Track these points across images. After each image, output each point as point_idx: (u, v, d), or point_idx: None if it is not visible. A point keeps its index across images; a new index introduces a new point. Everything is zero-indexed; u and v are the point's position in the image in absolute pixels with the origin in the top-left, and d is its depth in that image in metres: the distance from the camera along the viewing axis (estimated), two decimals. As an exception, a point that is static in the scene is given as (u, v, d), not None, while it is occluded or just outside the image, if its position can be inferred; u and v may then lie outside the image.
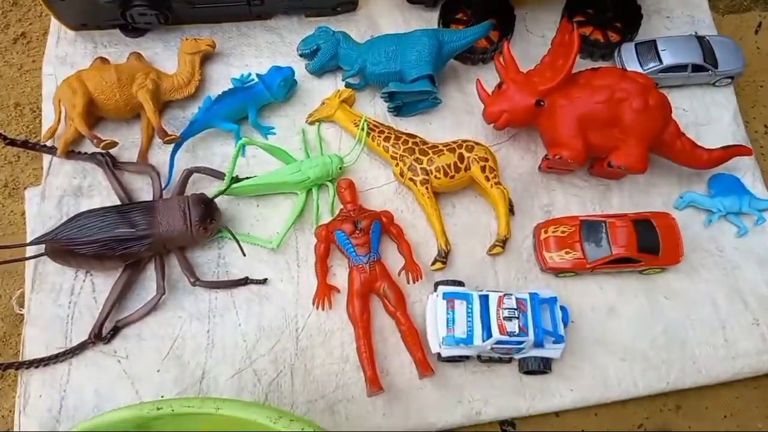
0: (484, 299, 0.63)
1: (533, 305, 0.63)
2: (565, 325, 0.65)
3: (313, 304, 0.65)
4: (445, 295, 0.63)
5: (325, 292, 0.65)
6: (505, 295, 0.63)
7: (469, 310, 0.63)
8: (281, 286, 0.67)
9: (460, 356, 0.63)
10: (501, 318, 0.61)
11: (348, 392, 0.63)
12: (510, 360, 0.65)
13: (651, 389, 0.65)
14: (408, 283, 0.66)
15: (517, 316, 0.61)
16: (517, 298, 0.63)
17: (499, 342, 0.61)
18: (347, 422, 0.62)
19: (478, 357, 0.65)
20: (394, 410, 0.63)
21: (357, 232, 0.65)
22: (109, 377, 0.62)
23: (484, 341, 0.61)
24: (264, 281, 0.66)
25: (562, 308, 0.65)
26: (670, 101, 0.69)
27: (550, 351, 0.63)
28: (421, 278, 0.66)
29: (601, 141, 0.68)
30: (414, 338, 0.63)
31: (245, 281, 0.66)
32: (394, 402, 0.63)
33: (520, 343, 0.61)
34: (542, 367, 0.64)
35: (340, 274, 0.68)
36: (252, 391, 0.62)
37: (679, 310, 0.68)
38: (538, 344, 0.62)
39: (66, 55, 0.76)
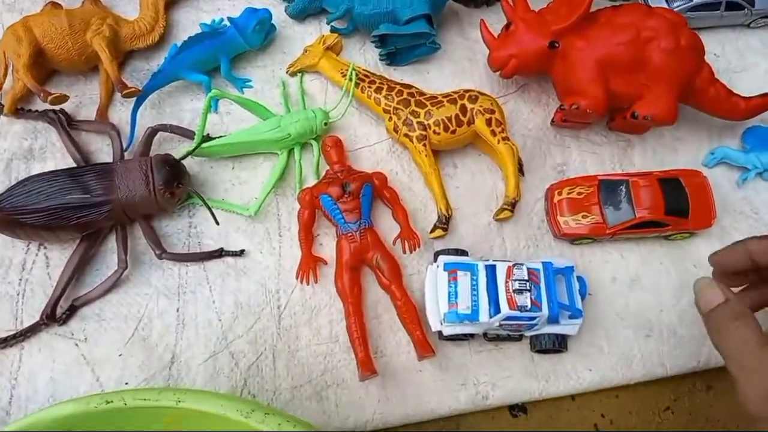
0: (491, 270, 0.54)
1: (547, 276, 0.54)
2: (583, 298, 0.56)
3: (297, 278, 0.57)
4: (447, 266, 0.55)
5: (310, 265, 0.57)
6: (515, 265, 0.54)
7: (474, 283, 0.54)
8: (261, 258, 0.59)
9: (464, 334, 0.54)
10: (510, 291, 0.52)
11: (338, 376, 0.56)
12: (520, 338, 0.57)
13: (680, 369, 0.58)
14: (404, 253, 0.58)
15: (528, 288, 0.52)
16: (528, 268, 0.54)
17: (508, 318, 0.52)
18: (337, 410, 0.55)
19: (484, 335, 0.56)
20: (390, 396, 0.56)
21: (345, 196, 0.57)
22: (65, 363, 0.54)
23: (491, 317, 0.52)
24: (241, 253, 0.59)
25: (580, 279, 0.57)
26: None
27: (566, 327, 0.55)
28: (419, 247, 0.58)
29: (624, 88, 0.59)
30: (411, 315, 0.56)
31: (220, 253, 0.58)
32: (390, 386, 0.56)
33: (533, 318, 0.53)
34: (557, 345, 0.56)
35: (327, 244, 0.60)
36: (229, 376, 0.55)
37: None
38: (552, 320, 0.54)
39: (14, 1, 0.68)
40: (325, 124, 0.61)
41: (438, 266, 0.56)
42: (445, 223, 0.60)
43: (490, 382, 0.57)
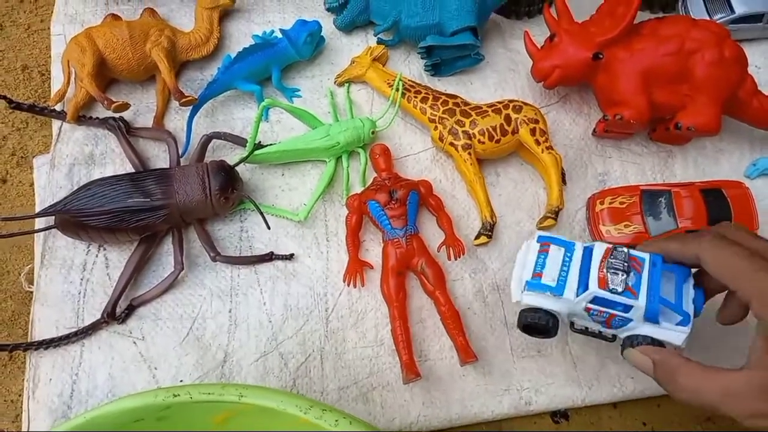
0: (588, 251, 0.48)
1: (652, 269, 0.46)
2: (697, 313, 0.46)
3: (344, 281, 0.59)
4: (540, 239, 0.49)
5: (357, 269, 0.59)
6: (615, 247, 0.47)
7: (567, 259, 0.48)
8: (309, 262, 0.61)
9: (544, 319, 0.48)
10: (604, 269, 0.45)
11: (383, 378, 0.57)
12: (613, 338, 0.50)
13: (723, 378, 0.58)
14: (449, 259, 0.60)
15: (626, 270, 0.45)
16: (630, 254, 0.46)
17: (597, 301, 0.46)
18: (383, 411, 0.56)
19: (572, 325, 0.50)
20: (434, 399, 0.57)
21: (392, 202, 0.59)
22: (124, 360, 0.57)
23: (577, 296, 0.46)
24: (290, 257, 0.61)
25: (697, 291, 0.47)
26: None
27: (669, 333, 0.46)
28: (463, 254, 0.60)
29: (667, 99, 0.60)
30: (455, 321, 0.57)
31: (270, 257, 0.60)
32: (434, 390, 0.57)
33: (626, 308, 0.45)
34: None
35: (373, 250, 0.61)
36: (278, 376, 0.57)
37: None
38: (650, 317, 0.45)
39: (76, 14, 0.71)
40: (372, 132, 0.63)
41: (533, 239, 0.51)
42: (489, 230, 0.61)
43: (533, 387, 0.58)
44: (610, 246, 0.47)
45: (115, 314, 0.57)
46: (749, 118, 0.64)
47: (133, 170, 0.62)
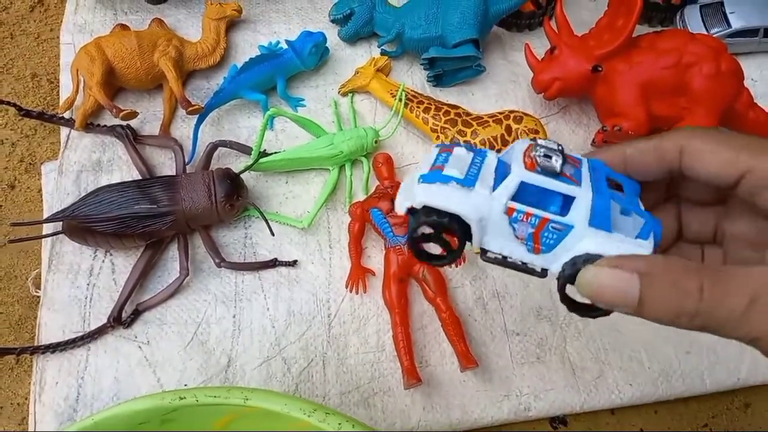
0: (503, 163, 0.33)
1: (594, 173, 0.32)
2: (656, 244, 0.31)
3: (347, 287, 0.60)
4: (440, 145, 0.35)
5: (359, 275, 0.60)
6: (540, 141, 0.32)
7: (477, 161, 0.33)
8: (312, 269, 0.62)
9: (447, 224, 0.31)
10: (530, 154, 0.31)
11: (384, 384, 0.58)
12: (543, 272, 0.32)
13: (719, 386, 0.59)
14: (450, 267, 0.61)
15: (560, 152, 0.31)
16: (565, 153, 0.32)
17: (523, 193, 0.30)
18: (384, 416, 0.57)
19: (483, 252, 0.32)
20: (435, 404, 0.58)
21: (395, 210, 0.60)
22: (129, 364, 0.57)
23: (494, 190, 0.31)
24: (294, 263, 0.62)
25: (650, 215, 0.32)
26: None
27: (626, 248, 0.30)
28: (464, 262, 0.60)
29: (665, 111, 0.61)
30: (456, 327, 0.58)
31: (274, 263, 0.61)
32: (435, 395, 0.58)
33: (564, 205, 0.30)
34: None
35: (375, 257, 0.62)
36: (281, 381, 0.58)
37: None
38: (599, 221, 0.30)
39: (85, 23, 0.72)
40: (376, 141, 0.64)
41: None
42: (489, 238, 0.61)
43: (532, 393, 0.58)
44: (532, 142, 0.32)
45: (121, 319, 0.58)
46: (745, 129, 0.65)
47: (139, 177, 0.63)
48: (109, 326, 0.58)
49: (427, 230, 0.32)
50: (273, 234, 0.60)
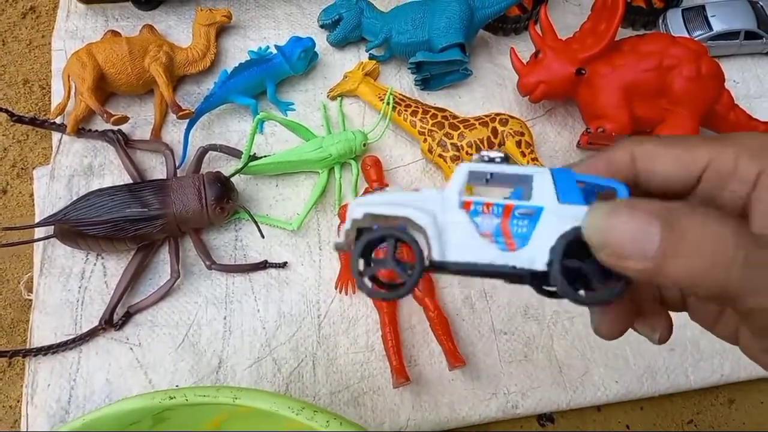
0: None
1: (559, 173, 0.26)
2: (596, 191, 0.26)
3: (336, 288, 0.61)
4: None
5: (348, 276, 0.61)
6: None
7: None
8: (302, 271, 0.63)
9: (390, 235, 0.26)
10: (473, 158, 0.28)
11: (374, 383, 0.59)
12: (526, 275, 0.26)
13: (703, 382, 0.60)
14: (438, 266, 0.61)
15: (505, 159, 0.27)
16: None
17: (476, 175, 0.27)
18: (373, 415, 0.58)
19: (432, 266, 0.26)
20: (424, 403, 0.58)
21: (383, 212, 0.60)
22: (120, 366, 0.58)
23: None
24: (284, 265, 0.62)
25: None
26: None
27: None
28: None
29: (647, 113, 0.63)
30: (443, 327, 0.58)
31: (264, 265, 0.62)
32: (424, 394, 0.59)
33: (524, 187, 0.27)
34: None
35: (364, 258, 0.63)
36: (272, 381, 0.58)
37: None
38: (567, 193, 0.25)
39: (76, 30, 0.73)
40: (364, 145, 0.65)
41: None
42: (476, 239, 0.62)
43: (519, 391, 0.59)
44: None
45: (113, 321, 0.58)
46: (726, 130, 0.66)
47: (131, 181, 0.63)
48: (101, 329, 0.58)
49: (369, 260, 0.27)
50: (263, 236, 0.61)
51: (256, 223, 0.60)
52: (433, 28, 0.66)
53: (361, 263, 0.27)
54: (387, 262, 0.26)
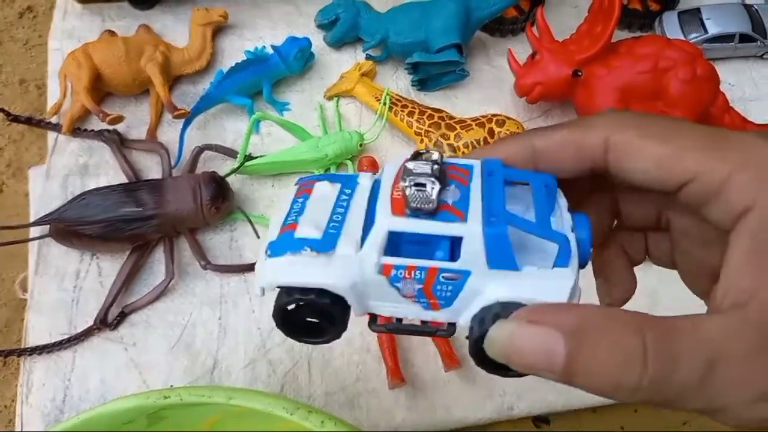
0: (377, 184, 0.26)
1: (487, 179, 0.24)
2: (583, 260, 0.24)
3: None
4: (301, 181, 0.28)
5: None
6: (418, 152, 0.26)
7: (344, 198, 0.26)
8: (298, 271, 0.62)
9: (314, 304, 0.25)
10: (399, 186, 0.24)
11: (369, 385, 0.59)
12: (450, 329, 0.25)
13: (698, 384, 0.60)
14: (433, 267, 0.61)
15: (437, 177, 0.23)
16: (446, 162, 0.25)
17: (397, 245, 0.24)
18: (369, 416, 0.58)
19: (372, 320, 0.26)
20: (419, 404, 0.58)
21: (379, 212, 0.60)
22: (115, 366, 0.58)
23: (362, 246, 0.24)
24: (279, 265, 0.62)
25: (577, 217, 0.25)
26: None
27: (540, 284, 0.23)
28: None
29: (643, 115, 0.63)
30: (439, 327, 0.58)
31: (259, 265, 0.62)
32: (419, 396, 0.59)
33: (450, 249, 0.23)
34: None
35: (360, 259, 0.63)
36: (266, 383, 0.58)
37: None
38: (498, 257, 0.22)
39: (73, 29, 0.73)
40: (360, 145, 0.65)
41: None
42: (472, 240, 0.62)
43: (515, 393, 0.59)
44: (408, 157, 0.26)
45: (107, 321, 0.58)
46: (722, 133, 0.66)
47: (126, 181, 0.63)
48: (96, 328, 0.58)
49: (289, 305, 0.25)
50: (258, 237, 0.61)
51: (251, 223, 0.60)
52: (431, 28, 0.66)
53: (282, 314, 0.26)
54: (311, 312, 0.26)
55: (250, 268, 0.62)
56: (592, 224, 0.25)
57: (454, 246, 0.23)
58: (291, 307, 0.25)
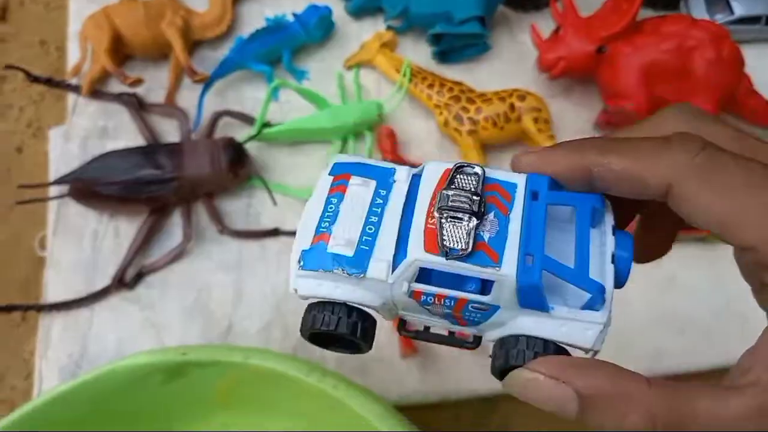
0: (417, 182, 0.25)
1: (530, 204, 0.23)
2: (621, 283, 0.24)
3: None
4: (335, 169, 0.27)
5: (359, 246, 0.61)
6: (459, 167, 0.24)
7: (379, 201, 0.25)
8: (313, 239, 0.63)
9: (344, 323, 0.25)
10: (434, 212, 0.23)
11: (381, 352, 0.59)
12: (476, 343, 0.28)
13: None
14: (448, 240, 0.61)
15: (474, 212, 0.23)
16: (488, 179, 0.24)
17: (426, 276, 0.23)
18: (381, 384, 0.58)
19: (402, 325, 0.28)
20: (431, 376, 0.59)
21: (396, 183, 0.60)
22: (132, 325, 0.59)
23: (393, 271, 0.23)
24: (295, 233, 0.62)
25: (621, 235, 0.25)
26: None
27: (568, 326, 0.23)
28: (463, 236, 0.61)
29: (666, 94, 0.62)
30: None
31: (276, 232, 0.62)
32: (431, 368, 0.59)
33: (482, 285, 0.23)
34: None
35: (375, 229, 0.63)
36: (281, 346, 0.59)
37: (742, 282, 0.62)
38: (530, 301, 0.23)
39: (93, -9, 0.72)
40: (379, 115, 0.65)
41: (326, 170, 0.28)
42: (488, 214, 0.62)
43: (525, 366, 0.60)
44: (451, 167, 0.24)
45: (125, 281, 0.59)
46: (745, 116, 0.66)
47: (145, 144, 0.63)
48: (113, 288, 0.59)
49: (321, 324, 0.26)
50: (275, 203, 0.61)
51: (269, 189, 0.60)
52: (453, 0, 0.66)
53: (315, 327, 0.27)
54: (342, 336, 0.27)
55: (265, 234, 0.62)
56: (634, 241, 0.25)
57: (485, 280, 0.23)
58: (322, 325, 0.26)
